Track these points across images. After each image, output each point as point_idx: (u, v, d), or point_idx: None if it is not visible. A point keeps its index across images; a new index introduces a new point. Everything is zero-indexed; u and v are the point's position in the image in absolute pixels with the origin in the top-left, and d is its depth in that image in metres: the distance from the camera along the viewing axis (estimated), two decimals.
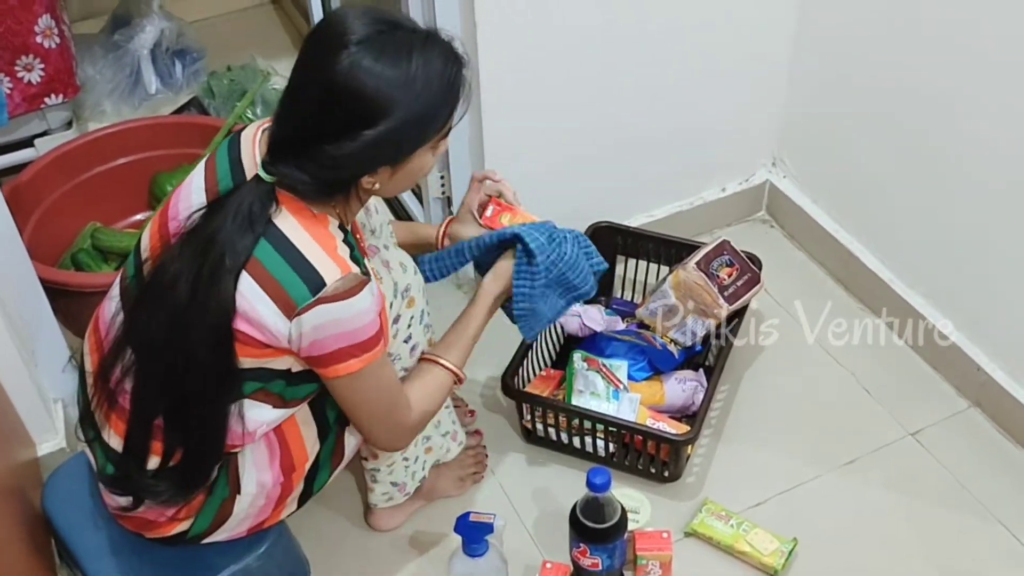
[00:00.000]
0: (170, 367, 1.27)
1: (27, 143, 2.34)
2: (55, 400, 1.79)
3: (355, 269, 1.26)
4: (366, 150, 1.21)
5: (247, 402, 1.33)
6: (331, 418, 1.43)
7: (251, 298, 1.23)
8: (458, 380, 1.51)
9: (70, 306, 1.88)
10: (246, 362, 1.28)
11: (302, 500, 1.48)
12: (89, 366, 1.41)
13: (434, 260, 1.58)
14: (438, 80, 1.22)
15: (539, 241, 1.50)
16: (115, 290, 1.40)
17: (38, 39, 2.18)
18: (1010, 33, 1.60)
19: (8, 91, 2.19)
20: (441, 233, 1.65)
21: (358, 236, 1.42)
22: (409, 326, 1.47)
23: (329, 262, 1.23)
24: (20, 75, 2.20)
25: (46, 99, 2.26)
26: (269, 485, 1.41)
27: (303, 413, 1.41)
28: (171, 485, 1.35)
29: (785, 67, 2.09)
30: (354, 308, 1.24)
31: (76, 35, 2.48)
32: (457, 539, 1.55)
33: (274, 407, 1.36)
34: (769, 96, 2.14)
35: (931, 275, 1.94)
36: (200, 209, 1.27)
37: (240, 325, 1.24)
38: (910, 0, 1.76)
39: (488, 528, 1.52)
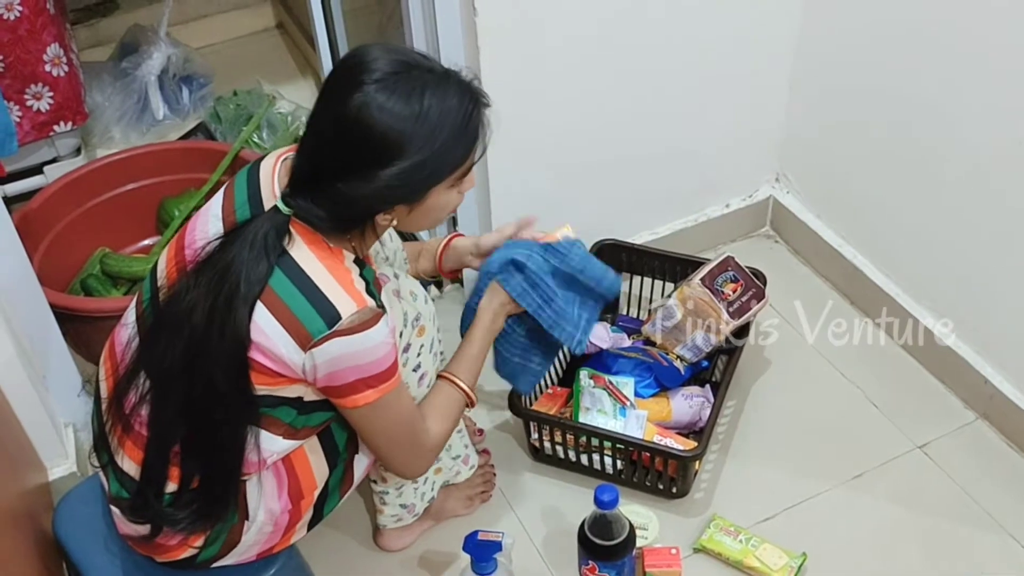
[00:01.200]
0: (188, 394, 1.28)
1: (37, 170, 2.37)
2: (66, 425, 1.80)
3: (371, 303, 1.26)
4: (380, 190, 1.22)
5: (257, 431, 1.33)
6: (340, 446, 1.44)
7: (266, 329, 1.24)
8: (470, 401, 1.51)
9: (80, 331, 1.89)
10: (259, 389, 1.28)
11: (311, 524, 1.49)
12: (104, 392, 1.42)
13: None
14: (452, 119, 1.22)
15: (523, 252, 1.52)
16: (130, 316, 1.41)
17: (47, 68, 2.20)
18: (1013, 47, 1.60)
19: (18, 119, 2.21)
20: (443, 244, 1.66)
21: (373, 267, 1.42)
22: (419, 355, 1.48)
23: (345, 296, 1.24)
24: (29, 103, 2.22)
25: (55, 127, 2.28)
26: (278, 512, 1.42)
27: (311, 442, 1.42)
28: (190, 513, 1.35)
29: (786, 83, 2.11)
30: (369, 341, 1.25)
31: (84, 63, 2.51)
32: (466, 558, 1.55)
33: (284, 437, 1.36)
34: (771, 112, 2.15)
35: (936, 287, 1.94)
36: (217, 238, 1.27)
37: (254, 355, 1.25)
38: (912, 15, 1.77)
39: (496, 546, 1.53)
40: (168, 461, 1.33)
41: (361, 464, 1.48)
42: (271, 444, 1.35)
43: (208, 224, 1.33)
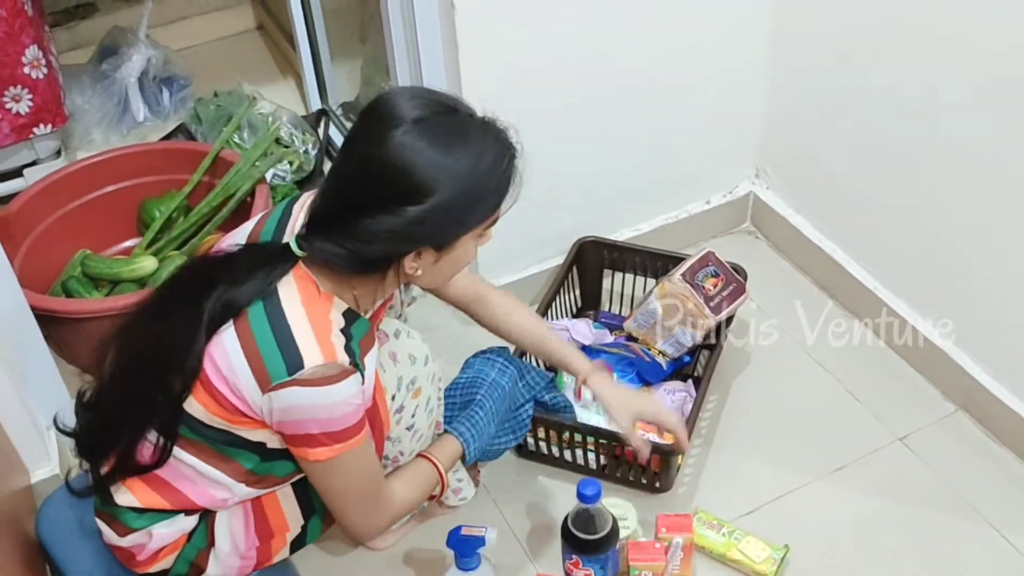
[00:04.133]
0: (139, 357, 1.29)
1: (16, 173, 2.36)
2: (48, 427, 1.79)
3: (342, 359, 1.23)
4: (406, 227, 1.19)
5: (215, 472, 1.33)
6: (316, 505, 1.43)
7: (231, 357, 1.23)
8: (441, 485, 1.51)
9: (61, 333, 1.89)
10: (208, 417, 1.27)
11: (295, 548, 1.49)
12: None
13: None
14: (489, 167, 1.22)
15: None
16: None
17: (26, 70, 2.20)
18: (989, 40, 1.62)
19: None
20: (579, 385, 1.70)
21: (375, 320, 1.40)
22: (413, 415, 1.49)
23: (314, 346, 1.22)
24: (8, 106, 2.21)
25: (35, 129, 2.28)
26: (243, 549, 1.42)
27: (284, 489, 1.41)
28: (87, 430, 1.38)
29: (765, 79, 2.12)
30: (330, 397, 1.22)
31: (64, 65, 2.50)
32: (451, 554, 1.55)
33: (247, 484, 1.36)
34: (750, 108, 2.16)
35: (915, 282, 1.96)
36: (235, 245, 1.29)
37: (212, 376, 1.24)
38: (887, 10, 1.78)
39: (480, 541, 1.53)
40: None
41: None
42: (232, 489, 1.35)
43: (235, 237, 1.35)
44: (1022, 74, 1.58)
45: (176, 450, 1.32)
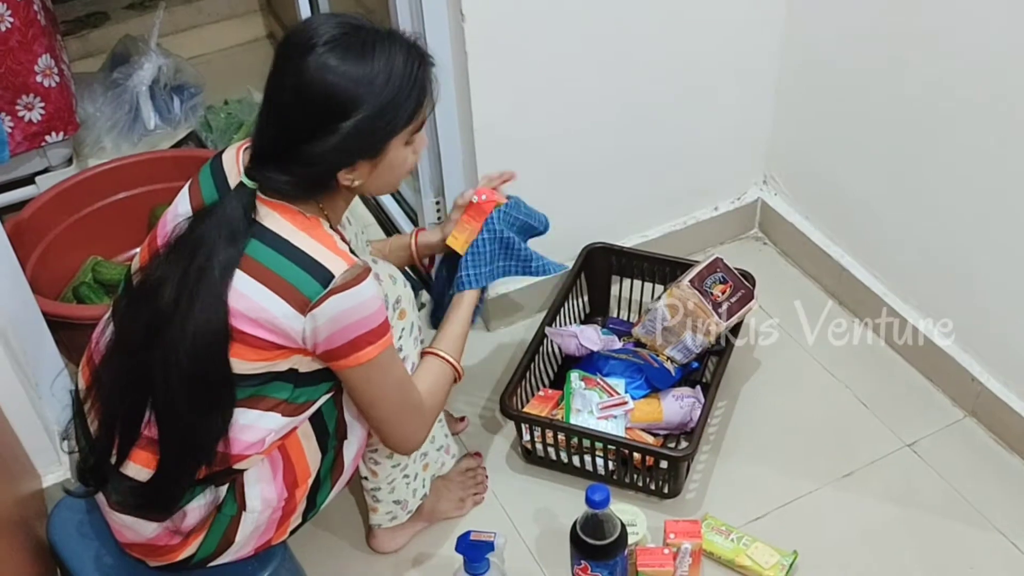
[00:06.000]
0: (144, 367, 1.29)
1: (28, 180, 2.38)
2: (59, 432, 1.80)
3: (358, 260, 1.31)
4: (342, 143, 1.26)
5: (253, 412, 1.34)
6: (330, 428, 1.45)
7: (256, 298, 1.26)
8: (458, 375, 1.55)
9: (73, 338, 1.90)
10: (249, 367, 1.30)
11: (306, 515, 1.50)
12: (82, 383, 1.44)
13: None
14: (401, 73, 1.27)
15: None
16: (105, 330, 1.42)
17: (38, 78, 2.22)
18: (994, 48, 1.62)
19: (9, 130, 2.22)
20: (413, 242, 1.72)
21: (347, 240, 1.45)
22: (400, 338, 1.50)
23: (333, 256, 1.28)
24: (21, 114, 2.23)
25: (47, 137, 2.29)
26: (274, 501, 1.43)
27: (304, 426, 1.43)
28: (132, 499, 1.37)
29: (773, 86, 2.12)
30: (363, 295, 1.29)
31: (75, 74, 2.52)
32: (459, 559, 1.56)
33: (283, 415, 1.38)
34: (758, 115, 2.17)
35: (923, 287, 1.96)
36: (186, 219, 1.32)
37: (243, 326, 1.27)
38: (897, 16, 1.79)
39: (489, 547, 1.53)
40: (113, 432, 1.35)
41: (351, 450, 1.49)
42: (270, 422, 1.36)
43: (178, 217, 1.36)
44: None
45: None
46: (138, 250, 2.18)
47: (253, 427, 1.35)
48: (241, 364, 1.30)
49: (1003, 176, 1.70)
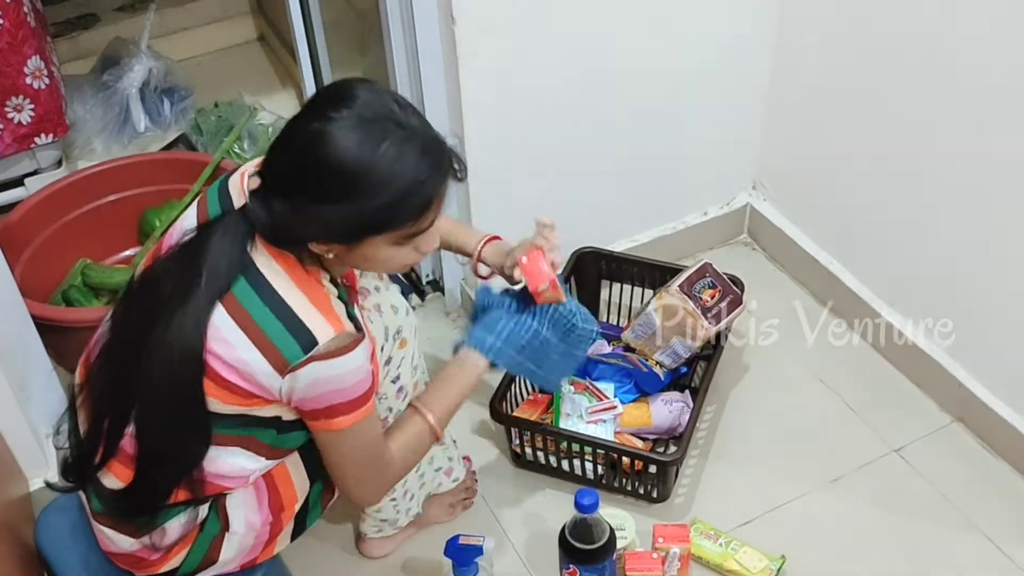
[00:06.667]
0: (130, 374, 1.27)
1: (17, 182, 2.37)
2: (47, 435, 1.80)
3: (349, 327, 1.25)
4: (313, 219, 1.20)
5: (236, 450, 1.33)
6: (320, 469, 1.43)
7: (238, 349, 1.22)
8: (436, 438, 1.47)
9: (61, 342, 1.89)
10: (226, 408, 1.27)
11: (294, 535, 1.49)
12: (77, 379, 1.42)
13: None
14: (404, 178, 1.19)
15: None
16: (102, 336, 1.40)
17: (28, 80, 2.21)
18: (987, 55, 1.63)
19: None
20: (479, 248, 1.60)
21: (350, 283, 1.41)
22: (399, 367, 1.49)
23: (321, 320, 1.23)
24: (10, 116, 2.22)
25: (36, 139, 2.29)
26: (258, 526, 1.42)
27: (293, 456, 1.42)
28: (112, 509, 1.36)
29: (763, 92, 2.13)
30: (346, 366, 1.24)
31: (65, 75, 2.51)
32: (448, 563, 1.56)
33: (266, 457, 1.36)
34: (748, 121, 2.17)
35: (911, 293, 1.97)
36: (191, 230, 1.29)
37: (221, 370, 1.23)
38: (887, 25, 1.79)
39: (478, 551, 1.54)
40: (100, 433, 1.33)
41: None
42: (252, 463, 1.35)
43: (186, 227, 1.33)
44: (1017, 84, 1.59)
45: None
46: (130, 252, 2.23)
47: (234, 465, 1.34)
48: (217, 404, 1.27)
49: (990, 183, 1.71)
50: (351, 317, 1.28)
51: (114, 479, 1.35)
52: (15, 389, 1.66)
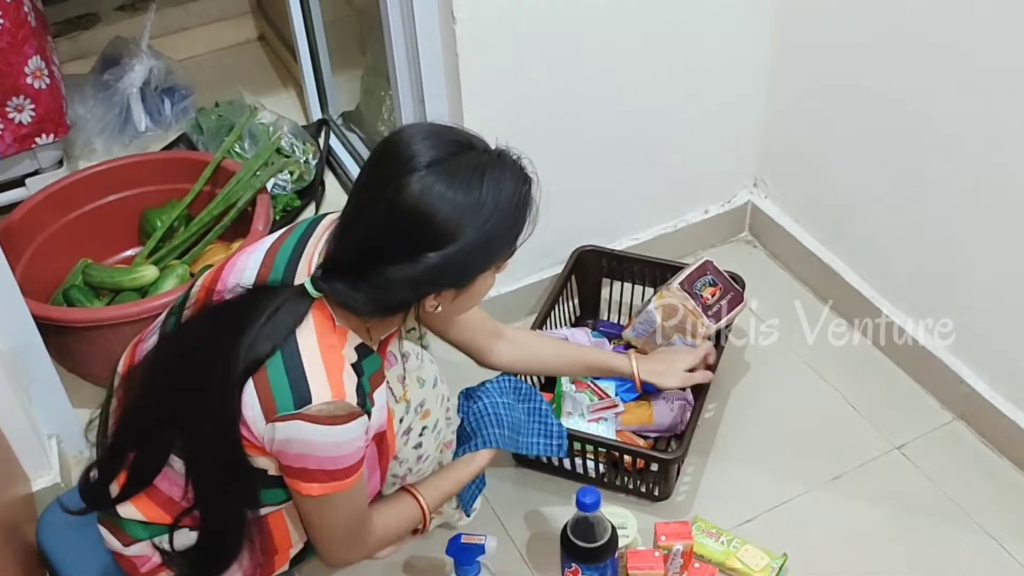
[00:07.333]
0: (171, 419, 1.28)
1: (18, 183, 2.37)
2: (49, 436, 1.80)
3: (351, 398, 1.22)
4: (429, 272, 1.18)
5: None
6: None
7: (247, 399, 1.22)
8: (423, 525, 1.49)
9: (63, 342, 1.90)
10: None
11: (295, 563, 1.49)
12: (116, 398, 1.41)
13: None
14: (507, 204, 1.20)
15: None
16: (155, 334, 1.39)
17: (28, 80, 2.21)
18: (990, 48, 1.63)
19: None
20: (638, 376, 1.74)
21: (384, 347, 1.39)
22: (421, 434, 1.49)
23: (324, 382, 1.21)
24: (11, 116, 2.23)
25: (37, 139, 2.29)
26: (246, 565, 1.40)
27: (290, 508, 1.39)
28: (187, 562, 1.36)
29: (764, 89, 2.13)
30: (332, 437, 1.22)
31: (66, 75, 2.51)
32: (450, 562, 1.56)
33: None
34: (749, 118, 2.17)
35: (913, 290, 1.96)
36: (243, 288, 1.26)
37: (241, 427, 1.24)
38: (889, 21, 1.79)
39: (479, 549, 1.53)
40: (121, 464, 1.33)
41: None
42: None
43: (247, 267, 1.31)
44: (1019, 83, 1.59)
45: (180, 469, 1.31)
46: (130, 252, 2.23)
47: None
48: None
49: (993, 181, 1.70)
50: (359, 390, 1.25)
51: (135, 511, 1.36)
52: (17, 389, 1.66)
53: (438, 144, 1.18)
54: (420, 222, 1.15)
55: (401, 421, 1.44)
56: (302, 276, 1.27)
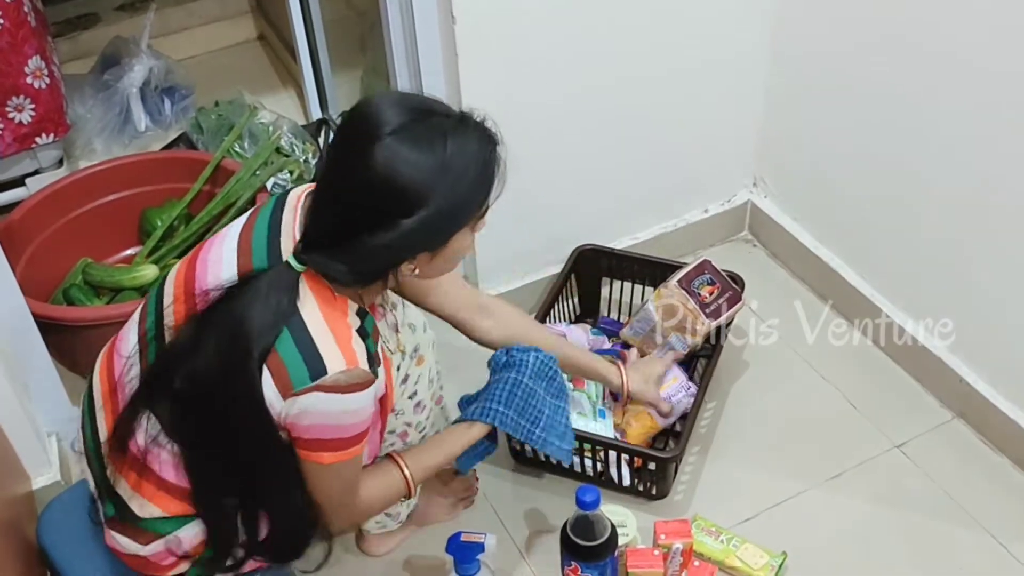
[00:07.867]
0: (226, 451, 1.29)
1: (18, 182, 2.37)
2: (49, 434, 1.80)
3: (363, 365, 1.24)
4: (405, 238, 1.19)
5: None
6: None
7: (263, 380, 1.22)
8: (408, 493, 1.48)
9: (63, 341, 1.90)
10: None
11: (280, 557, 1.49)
12: (101, 419, 1.40)
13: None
14: (474, 164, 1.22)
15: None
16: (131, 335, 1.38)
17: (28, 80, 2.21)
18: (989, 47, 1.63)
19: None
20: (625, 386, 1.75)
21: (376, 311, 1.40)
22: (416, 383, 1.49)
23: (337, 353, 1.22)
24: (11, 115, 2.23)
25: (37, 139, 2.29)
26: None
27: None
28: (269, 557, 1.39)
29: (762, 88, 2.13)
30: (347, 404, 1.24)
31: (66, 75, 2.51)
32: (450, 561, 1.56)
33: None
34: (748, 117, 2.18)
35: (912, 288, 1.97)
36: (226, 287, 1.25)
37: None
38: (887, 20, 1.79)
39: (479, 548, 1.54)
40: (227, 514, 1.35)
41: None
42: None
43: (221, 264, 1.30)
44: (1019, 82, 1.59)
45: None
46: (130, 252, 2.23)
47: None
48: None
49: (993, 180, 1.70)
50: (369, 356, 1.26)
51: (150, 505, 1.35)
52: (17, 387, 1.66)
53: (401, 111, 1.19)
54: (390, 189, 1.17)
55: (398, 369, 1.45)
56: (288, 253, 1.27)
